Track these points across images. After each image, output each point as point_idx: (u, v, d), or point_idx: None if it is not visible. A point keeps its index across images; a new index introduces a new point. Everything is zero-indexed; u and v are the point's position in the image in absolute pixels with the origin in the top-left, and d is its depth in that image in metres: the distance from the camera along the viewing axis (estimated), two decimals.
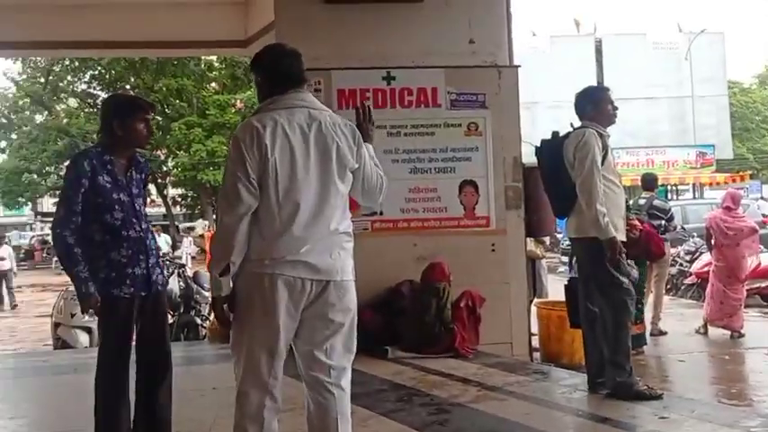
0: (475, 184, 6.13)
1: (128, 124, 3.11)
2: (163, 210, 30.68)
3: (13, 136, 25.51)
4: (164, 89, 17.42)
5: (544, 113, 21.24)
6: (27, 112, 24.56)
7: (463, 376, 4.84)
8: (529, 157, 6.00)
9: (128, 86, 19.57)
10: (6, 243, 16.30)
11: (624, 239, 4.27)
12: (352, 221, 2.77)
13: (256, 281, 2.52)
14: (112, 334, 3.09)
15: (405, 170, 6.06)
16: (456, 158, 6.11)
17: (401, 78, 6.08)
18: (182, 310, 8.10)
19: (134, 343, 3.19)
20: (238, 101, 24.91)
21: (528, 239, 6.49)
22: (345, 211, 2.67)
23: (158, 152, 25.54)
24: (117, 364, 3.07)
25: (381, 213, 5.97)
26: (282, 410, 2.67)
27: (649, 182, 8.06)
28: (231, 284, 2.58)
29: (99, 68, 19.29)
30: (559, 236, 14.39)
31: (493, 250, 6.08)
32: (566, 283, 4.93)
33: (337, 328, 2.59)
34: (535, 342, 6.45)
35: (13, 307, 14.82)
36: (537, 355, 6.40)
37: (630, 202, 7.23)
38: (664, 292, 8.17)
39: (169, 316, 4.30)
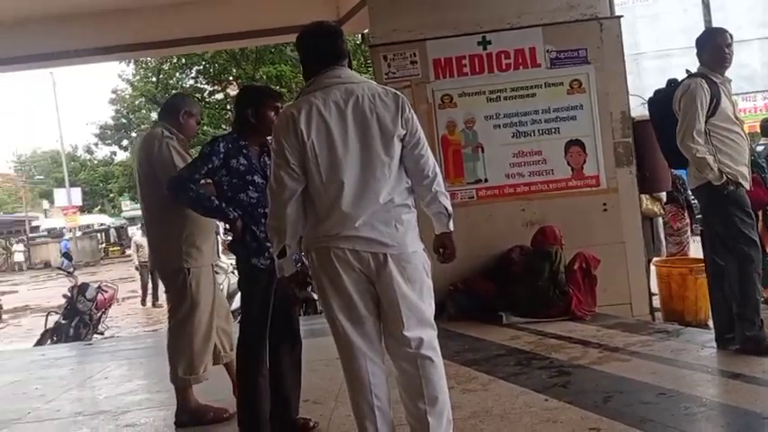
0: (581, 143, 5.98)
1: (260, 112, 3.29)
2: None
3: (133, 134, 27.18)
4: (264, 77, 17.95)
5: (650, 64, 20.10)
6: (143, 111, 26.03)
7: (582, 338, 4.77)
8: (637, 110, 5.77)
9: (231, 78, 20.30)
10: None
11: (749, 189, 4.05)
12: (458, 190, 2.78)
13: (318, 256, 2.61)
14: (254, 303, 3.27)
15: (507, 135, 6.01)
16: (560, 118, 5.99)
17: (497, 42, 6.00)
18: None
19: None
20: None
21: (643, 197, 6.29)
22: (400, 182, 2.63)
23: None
24: (258, 334, 3.25)
25: (486, 180, 5.95)
26: None
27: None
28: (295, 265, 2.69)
29: (203, 63, 20.11)
30: None
31: (605, 210, 5.94)
32: (699, 232, 4.71)
33: (407, 301, 2.58)
34: (656, 302, 6.25)
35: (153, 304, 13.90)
36: (658, 315, 6.20)
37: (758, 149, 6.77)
38: None
39: None
